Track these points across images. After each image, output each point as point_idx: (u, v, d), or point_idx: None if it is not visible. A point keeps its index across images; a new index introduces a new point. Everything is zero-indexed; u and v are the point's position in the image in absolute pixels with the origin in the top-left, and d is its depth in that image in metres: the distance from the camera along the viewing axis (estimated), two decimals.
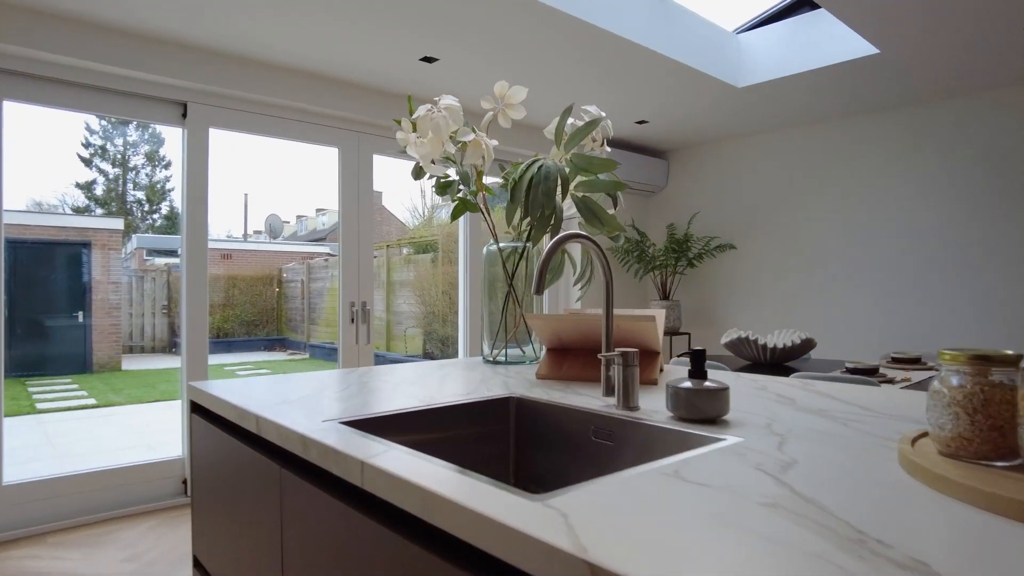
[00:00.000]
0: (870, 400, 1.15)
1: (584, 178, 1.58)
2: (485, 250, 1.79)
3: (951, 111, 4.12)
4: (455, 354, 5.08)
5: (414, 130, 1.58)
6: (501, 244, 1.74)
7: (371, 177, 3.87)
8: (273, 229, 9.72)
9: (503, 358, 1.71)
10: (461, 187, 1.79)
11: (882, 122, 4.41)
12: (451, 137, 1.59)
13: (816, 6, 3.38)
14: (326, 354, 8.56)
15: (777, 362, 3.14)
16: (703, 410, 0.96)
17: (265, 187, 10.55)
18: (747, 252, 5.13)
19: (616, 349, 1.08)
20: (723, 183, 5.26)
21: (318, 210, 10.65)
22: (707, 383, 0.97)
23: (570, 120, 1.61)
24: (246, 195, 9.75)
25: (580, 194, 1.58)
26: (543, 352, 1.59)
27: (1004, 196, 3.93)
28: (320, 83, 3.55)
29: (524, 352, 1.71)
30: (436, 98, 1.55)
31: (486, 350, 1.76)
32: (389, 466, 0.70)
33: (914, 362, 3.06)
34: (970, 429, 0.70)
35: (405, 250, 8.52)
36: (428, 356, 7.95)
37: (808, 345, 3.10)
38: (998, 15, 2.92)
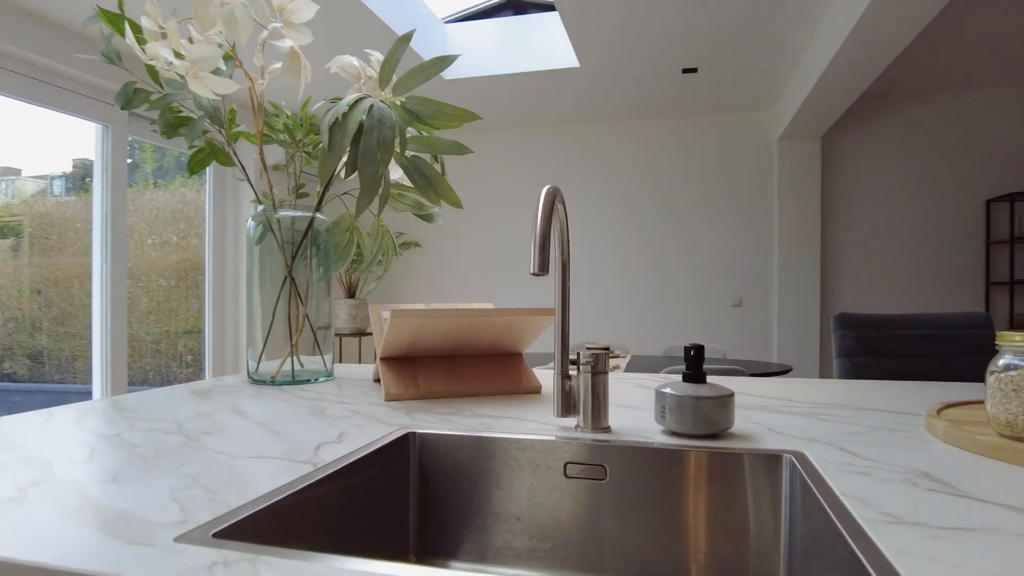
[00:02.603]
0: (791, 391, 1.10)
1: (420, 132, 1.21)
2: (250, 223, 1.25)
3: (633, 129, 4.81)
4: (51, 373, 3.86)
5: (159, 30, 0.99)
6: (282, 213, 1.24)
7: None
8: None
9: (288, 376, 1.21)
10: (209, 125, 1.23)
11: (576, 132, 4.89)
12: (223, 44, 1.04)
13: (522, 11, 3.51)
14: None
15: None
16: (717, 422, 0.75)
17: None
18: (433, 250, 5.14)
19: (582, 351, 0.79)
20: None
21: None
22: (708, 387, 0.77)
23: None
24: None
25: (410, 153, 1.21)
26: (376, 365, 1.17)
27: (674, 209, 4.74)
28: None
29: (303, 366, 1.23)
30: None
31: (252, 365, 1.23)
32: None
33: (604, 351, 3.41)
34: None
35: None
36: (7, 378, 5.86)
37: None
38: (662, 58, 3.46)
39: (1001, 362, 0.71)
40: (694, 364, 0.78)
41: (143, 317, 4.27)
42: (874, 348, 1.55)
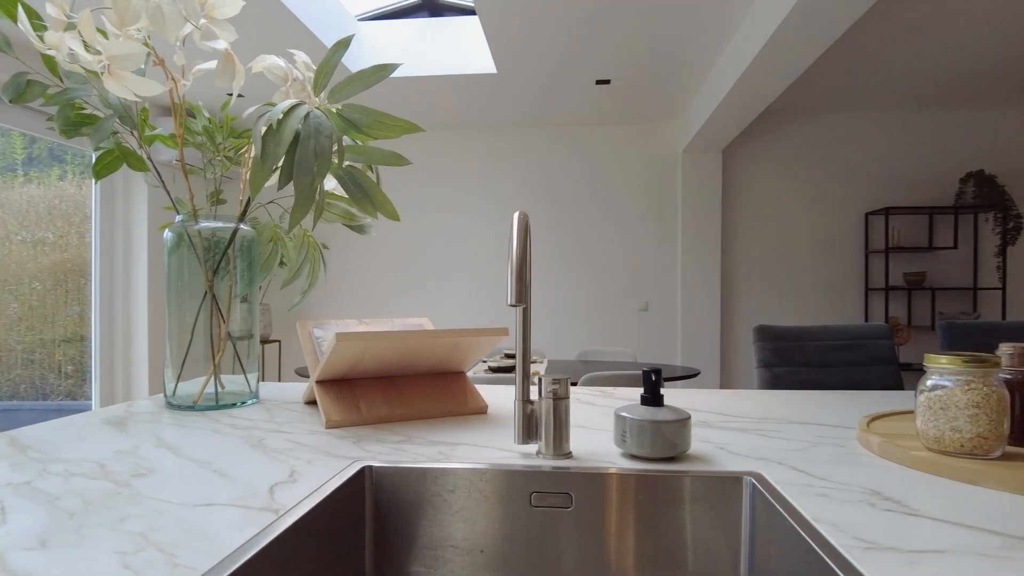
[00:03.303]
0: (727, 405, 1.14)
1: (355, 141, 1.16)
2: (167, 234, 1.15)
3: (546, 137, 4.84)
4: None
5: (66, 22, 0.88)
6: (204, 223, 1.14)
7: None
8: None
9: (211, 399, 1.12)
10: (120, 126, 1.12)
11: (489, 138, 4.87)
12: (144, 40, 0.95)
13: (438, 12, 3.47)
14: None
15: None
16: (676, 445, 0.76)
17: None
18: (339, 251, 4.97)
19: (543, 375, 0.78)
20: None
21: None
22: (667, 411, 0.78)
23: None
24: None
25: (346, 163, 1.15)
26: (310, 388, 1.10)
27: (584, 216, 4.82)
28: None
29: (224, 387, 1.14)
30: None
31: (169, 387, 1.13)
32: None
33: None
34: (989, 428, 0.72)
35: None
36: None
37: None
38: (578, 69, 3.53)
39: (929, 382, 0.77)
40: (652, 388, 0.79)
41: (12, 324, 3.84)
42: (790, 358, 1.66)
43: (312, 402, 1.16)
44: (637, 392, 1.29)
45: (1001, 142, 4.60)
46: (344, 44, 1.09)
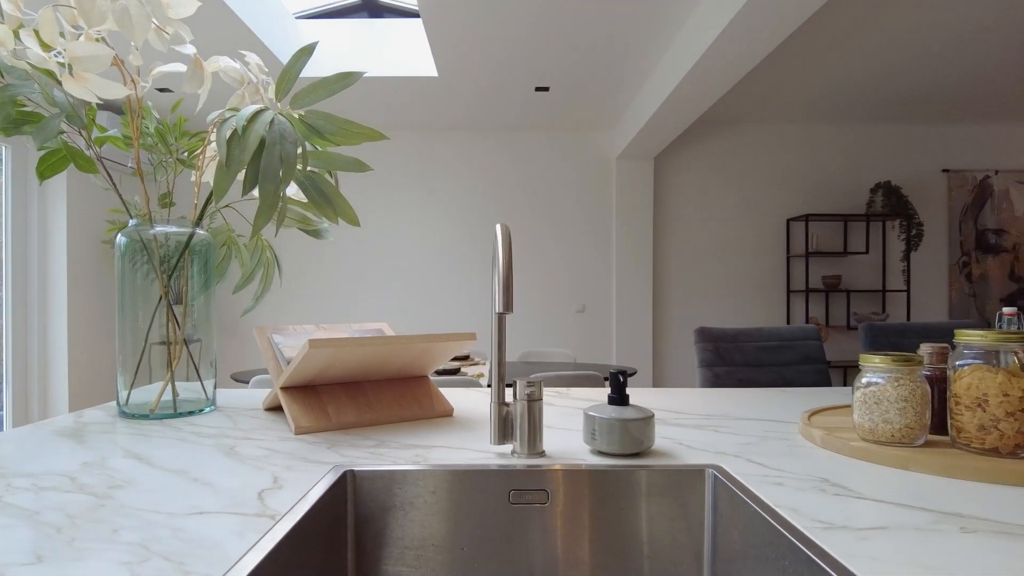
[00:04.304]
0: (677, 403, 1.20)
1: (315, 147, 1.16)
2: (120, 238, 1.11)
3: (485, 141, 4.86)
4: None
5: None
6: (159, 228, 1.12)
7: None
8: None
9: (168, 407, 1.10)
10: (66, 127, 1.08)
11: (428, 140, 4.85)
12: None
13: (378, 14, 3.44)
14: None
15: None
16: (642, 441, 0.81)
17: None
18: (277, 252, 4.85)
19: (523, 378, 0.81)
20: None
21: None
22: (632, 410, 0.83)
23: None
24: None
25: (308, 168, 1.15)
26: (272, 395, 1.09)
27: (523, 220, 4.87)
28: None
29: (179, 394, 1.12)
30: None
31: (122, 395, 1.10)
32: None
33: (465, 359, 3.45)
34: (914, 419, 0.81)
35: None
36: None
37: None
38: (519, 75, 3.59)
39: (863, 380, 0.86)
40: (619, 389, 0.84)
41: None
42: (728, 358, 1.77)
43: (273, 408, 1.15)
44: (593, 392, 1.34)
45: (905, 156, 4.99)
46: (307, 51, 1.09)
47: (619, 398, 0.84)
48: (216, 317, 1.20)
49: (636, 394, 1.32)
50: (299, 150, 1.05)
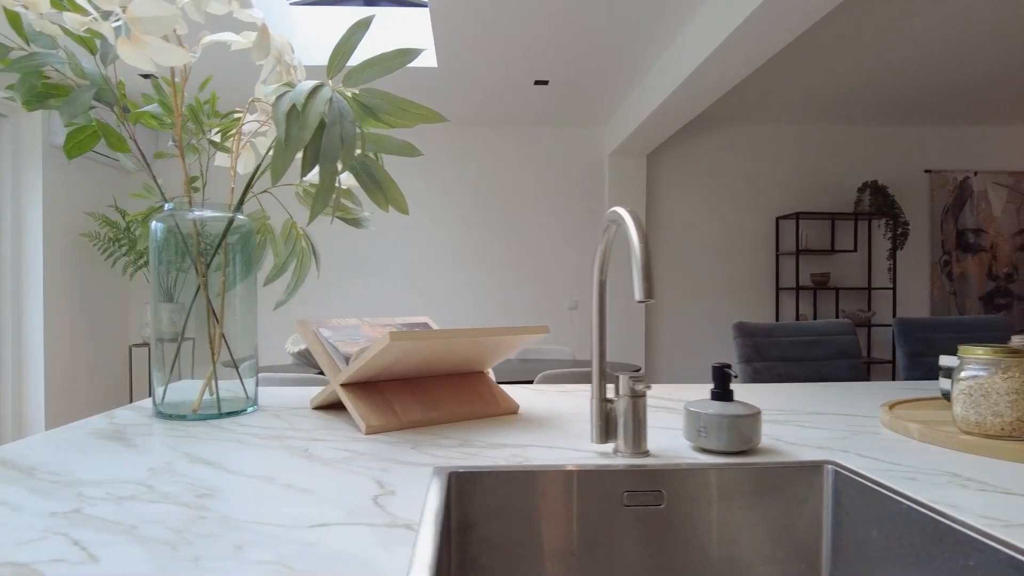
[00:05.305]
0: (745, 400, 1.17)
1: (372, 129, 1.09)
2: (156, 224, 1.03)
3: (483, 135, 4.79)
4: None
5: None
6: (197, 212, 1.04)
7: None
8: None
9: (212, 407, 1.02)
10: (96, 102, 1.00)
11: (423, 133, 4.75)
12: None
13: (373, 2, 3.36)
14: None
15: None
16: (751, 439, 0.77)
17: None
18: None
19: (623, 372, 0.76)
20: None
21: None
22: (737, 405, 0.79)
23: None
24: None
25: (362, 152, 1.08)
26: (325, 393, 1.02)
27: (518, 215, 4.81)
28: None
29: (207, 393, 1.04)
30: None
31: (158, 395, 1.02)
32: None
33: None
34: None
35: None
36: None
37: None
38: (519, 68, 3.54)
39: (964, 372, 0.83)
40: (723, 383, 0.80)
41: None
42: (766, 353, 1.75)
43: (323, 407, 1.08)
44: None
45: (891, 156, 5.07)
46: (364, 25, 1.02)
47: (723, 393, 0.79)
48: (256, 310, 1.12)
49: (691, 393, 1.28)
50: (359, 131, 0.99)
